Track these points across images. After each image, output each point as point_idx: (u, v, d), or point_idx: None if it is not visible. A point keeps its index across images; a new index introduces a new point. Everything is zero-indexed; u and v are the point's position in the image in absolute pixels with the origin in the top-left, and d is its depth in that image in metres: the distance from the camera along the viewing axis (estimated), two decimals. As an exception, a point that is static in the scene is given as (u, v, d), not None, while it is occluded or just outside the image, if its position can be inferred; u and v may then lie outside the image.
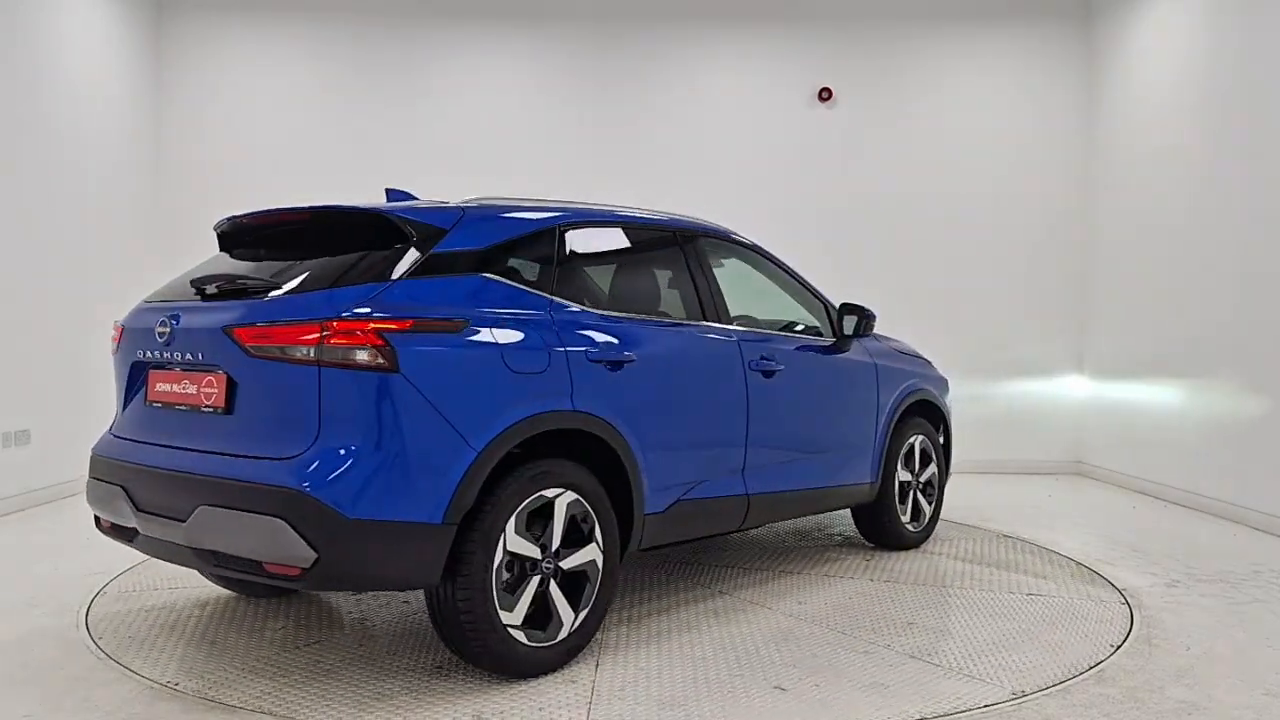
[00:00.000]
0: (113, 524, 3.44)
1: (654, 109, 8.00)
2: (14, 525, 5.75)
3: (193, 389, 3.19)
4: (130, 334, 3.49)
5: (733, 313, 4.75)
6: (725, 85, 8.01)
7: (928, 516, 5.27)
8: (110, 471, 3.40)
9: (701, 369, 3.93)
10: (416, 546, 2.91)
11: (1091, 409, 7.89)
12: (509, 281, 3.32)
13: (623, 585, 4.44)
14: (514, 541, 3.10)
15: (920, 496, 5.22)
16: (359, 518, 2.82)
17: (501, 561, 3.06)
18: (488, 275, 3.27)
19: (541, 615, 3.21)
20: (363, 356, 2.86)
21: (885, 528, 5.03)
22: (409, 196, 3.82)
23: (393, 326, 2.91)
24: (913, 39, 8.04)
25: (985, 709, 3.02)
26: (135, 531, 3.29)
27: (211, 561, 3.06)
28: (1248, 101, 6.00)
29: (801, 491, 4.45)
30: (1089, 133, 7.97)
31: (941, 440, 5.46)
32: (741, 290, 4.81)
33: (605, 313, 3.62)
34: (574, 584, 3.33)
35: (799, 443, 4.42)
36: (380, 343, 2.87)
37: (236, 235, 3.62)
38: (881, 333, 5.21)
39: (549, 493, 3.21)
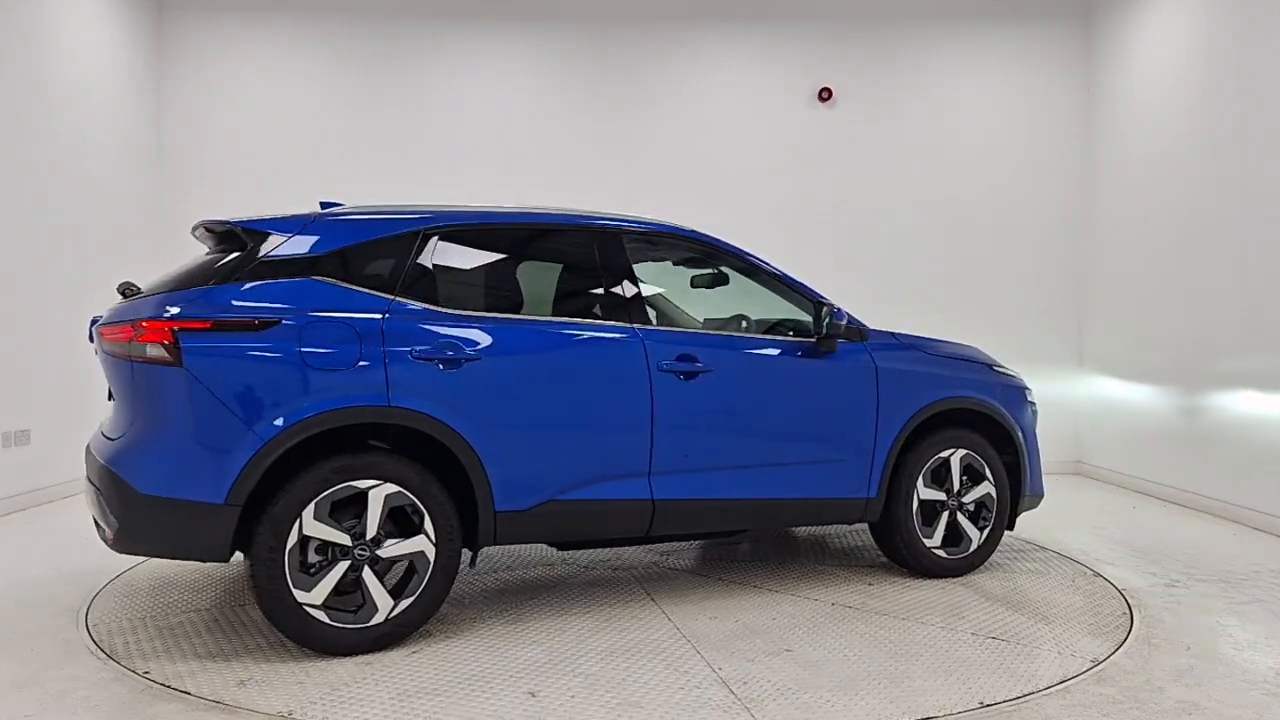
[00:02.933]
0: None
1: (654, 109, 8.00)
2: (14, 525, 5.75)
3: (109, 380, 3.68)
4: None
5: (729, 314, 4.74)
6: (725, 85, 8.01)
7: (973, 543, 4.59)
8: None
9: (578, 368, 3.81)
10: (201, 524, 3.27)
11: (1091, 409, 7.90)
12: (341, 283, 3.54)
13: (568, 584, 4.46)
14: (312, 527, 3.35)
15: (964, 520, 4.59)
16: (149, 494, 3.25)
17: (296, 544, 3.33)
18: (318, 278, 3.52)
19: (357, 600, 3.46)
20: (154, 353, 3.28)
21: (899, 550, 4.53)
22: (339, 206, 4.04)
23: (187, 326, 3.29)
24: (913, 39, 8.04)
25: (985, 708, 3.03)
26: None
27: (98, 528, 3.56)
28: (1247, 101, 6.00)
29: (747, 502, 4.15)
30: (1088, 132, 7.98)
31: (1010, 457, 4.75)
32: (696, 290, 4.77)
33: (454, 312, 3.65)
34: (406, 574, 3.54)
35: (740, 450, 4.11)
36: (169, 340, 3.27)
37: (202, 242, 3.99)
38: (917, 333, 4.79)
39: (361, 484, 3.41)
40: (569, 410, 3.79)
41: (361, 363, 3.43)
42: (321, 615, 3.37)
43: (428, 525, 3.52)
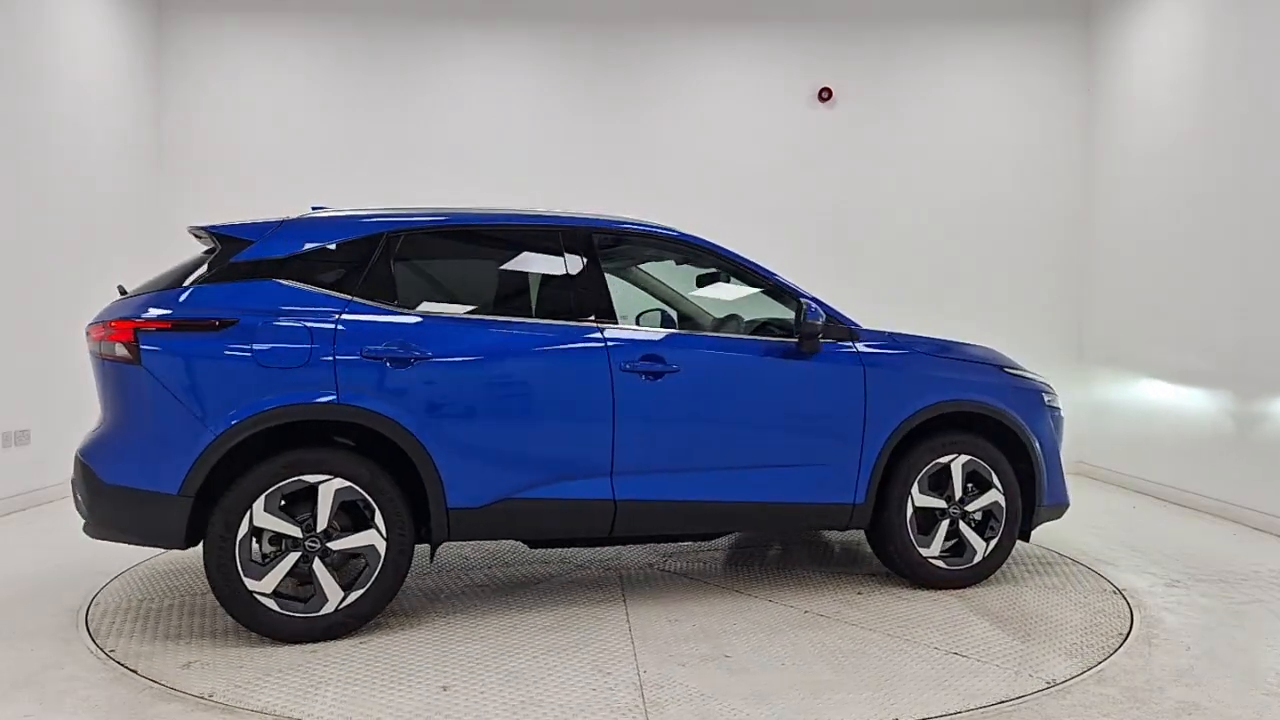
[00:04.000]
0: None
1: (654, 109, 8.00)
2: (14, 525, 5.75)
3: None
4: None
5: (724, 313, 4.72)
6: (725, 85, 8.01)
7: (978, 554, 4.38)
8: None
9: (534, 368, 3.83)
10: (158, 512, 3.47)
11: (1091, 409, 7.89)
12: (302, 285, 3.69)
13: (550, 582, 4.47)
14: (262, 518, 3.52)
15: (967, 529, 4.37)
16: (112, 483, 3.49)
17: (247, 534, 3.50)
18: (280, 280, 3.67)
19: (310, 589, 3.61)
20: (120, 351, 3.51)
21: (892, 559, 4.37)
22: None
23: (147, 326, 3.50)
24: (913, 39, 8.04)
25: (985, 708, 3.03)
26: None
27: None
28: (1247, 101, 6.00)
29: (719, 505, 4.06)
30: (1088, 132, 7.98)
31: (1025, 465, 4.50)
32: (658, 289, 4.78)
33: (409, 312, 3.76)
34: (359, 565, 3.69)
35: (709, 451, 4.03)
36: (129, 339, 3.48)
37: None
38: (919, 333, 4.57)
39: (310, 478, 3.56)
40: (524, 409, 3.81)
41: (312, 361, 3.57)
42: (271, 603, 3.54)
43: (378, 520, 3.64)
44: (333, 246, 3.80)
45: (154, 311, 3.54)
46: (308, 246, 3.76)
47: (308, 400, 3.56)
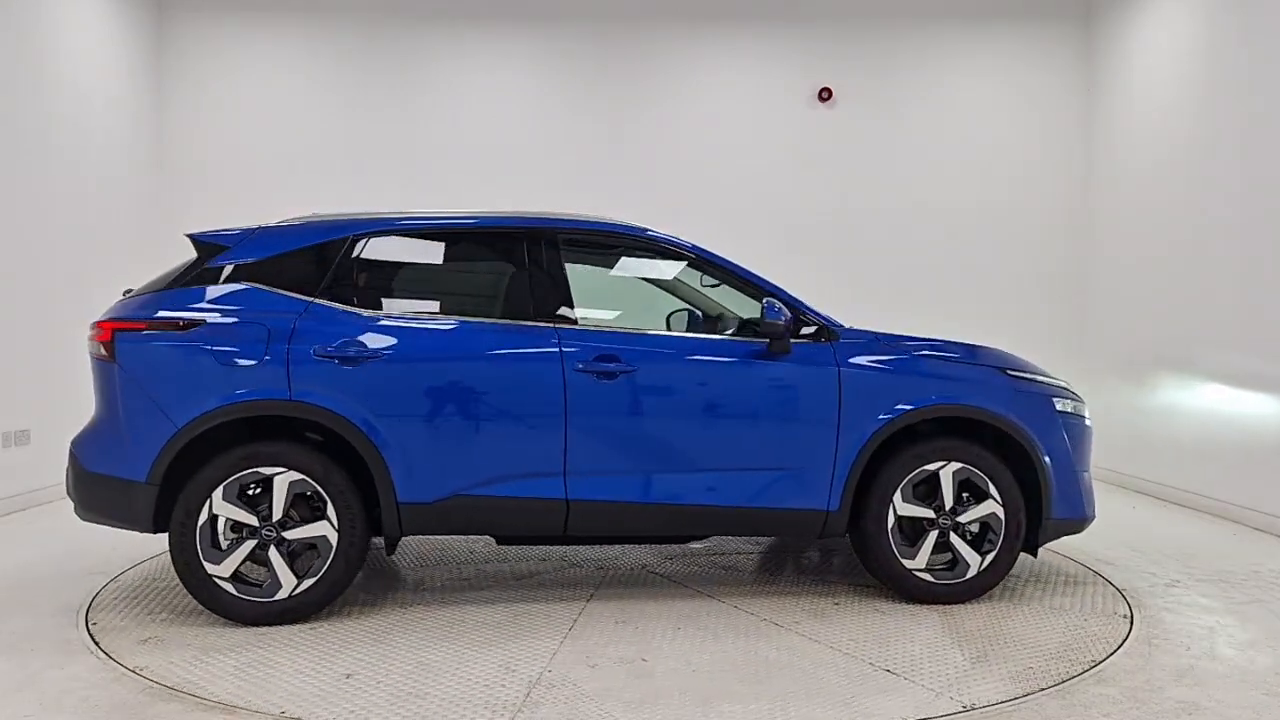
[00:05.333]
0: None
1: (654, 109, 8.00)
2: (14, 525, 5.75)
3: None
4: None
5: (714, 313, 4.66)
6: (725, 85, 8.01)
7: (971, 568, 4.11)
8: None
9: (484, 368, 3.90)
10: (128, 498, 3.74)
11: (1091, 409, 7.87)
12: (269, 288, 3.90)
13: (531, 581, 4.45)
14: (221, 506, 3.74)
15: (959, 542, 4.11)
16: (93, 471, 3.80)
17: (207, 521, 3.72)
18: (249, 283, 3.90)
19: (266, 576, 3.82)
20: (98, 350, 3.80)
21: (873, 569, 4.19)
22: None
23: (123, 327, 3.78)
24: (913, 39, 8.04)
25: (985, 709, 3.02)
26: None
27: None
28: (1247, 102, 6.00)
29: (679, 508, 3.99)
30: (1088, 132, 7.98)
31: (1032, 475, 4.17)
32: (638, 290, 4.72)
33: (364, 313, 3.91)
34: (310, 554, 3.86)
35: (665, 453, 3.97)
36: (107, 338, 3.77)
37: None
38: (917, 334, 4.37)
39: (266, 470, 3.77)
40: (473, 409, 3.89)
41: (267, 360, 3.76)
42: (229, 587, 3.76)
43: (330, 511, 3.80)
44: (299, 251, 3.99)
45: (131, 312, 3.83)
46: (276, 252, 3.96)
47: (261, 396, 3.75)
